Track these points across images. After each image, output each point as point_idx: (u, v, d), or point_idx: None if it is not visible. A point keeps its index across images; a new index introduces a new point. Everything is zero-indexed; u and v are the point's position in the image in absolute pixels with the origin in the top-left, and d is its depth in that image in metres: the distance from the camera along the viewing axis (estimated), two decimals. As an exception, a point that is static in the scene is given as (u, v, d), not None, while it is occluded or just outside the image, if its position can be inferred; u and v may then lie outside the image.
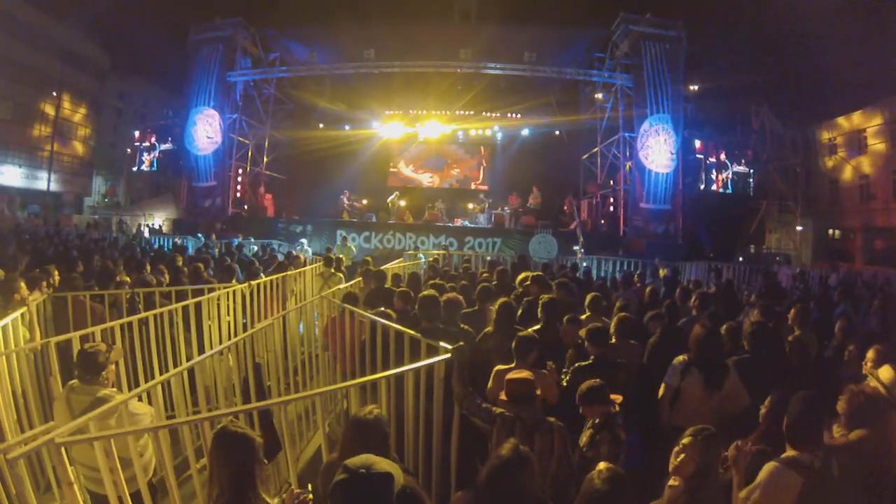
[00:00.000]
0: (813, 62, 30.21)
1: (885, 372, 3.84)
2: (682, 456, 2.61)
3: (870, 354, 4.03)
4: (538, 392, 3.36)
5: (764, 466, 2.73)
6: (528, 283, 6.85)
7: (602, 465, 2.35)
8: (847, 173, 30.05)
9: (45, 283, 6.26)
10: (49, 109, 33.50)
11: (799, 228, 30.20)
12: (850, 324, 5.29)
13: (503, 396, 3.36)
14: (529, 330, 4.40)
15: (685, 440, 2.64)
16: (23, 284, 5.64)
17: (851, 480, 2.83)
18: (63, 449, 2.47)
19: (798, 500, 2.58)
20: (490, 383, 4.06)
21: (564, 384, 4.20)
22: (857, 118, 29.04)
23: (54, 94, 33.37)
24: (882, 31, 24.40)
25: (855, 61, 26.90)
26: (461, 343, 3.64)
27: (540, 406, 3.40)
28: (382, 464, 1.93)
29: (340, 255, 10.14)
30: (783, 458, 2.73)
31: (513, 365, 3.97)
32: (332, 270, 9.05)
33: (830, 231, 32.32)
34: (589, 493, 2.26)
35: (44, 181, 32.70)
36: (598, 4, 24.60)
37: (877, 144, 27.81)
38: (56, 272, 6.75)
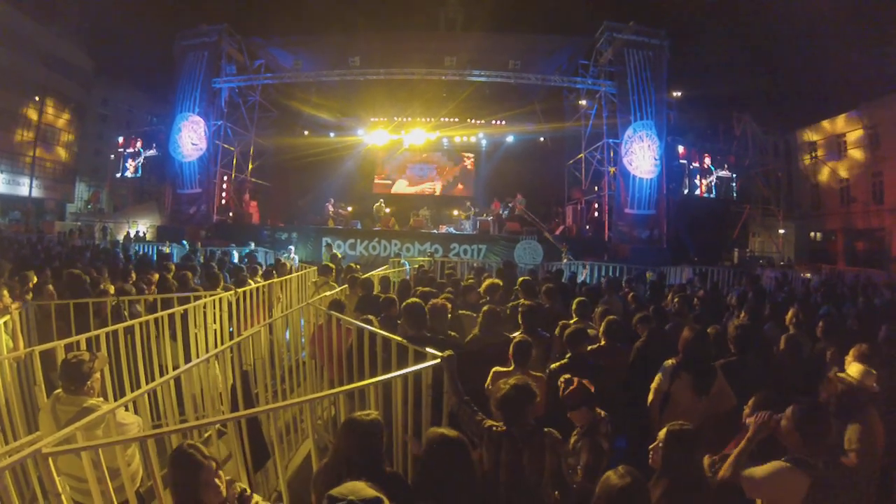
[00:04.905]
0: (793, 69, 30.82)
1: (853, 368, 3.89)
2: (655, 452, 2.67)
3: (852, 352, 4.07)
4: (537, 399, 3.17)
5: (771, 463, 2.72)
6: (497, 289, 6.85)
7: (620, 467, 2.34)
8: (827, 177, 30.58)
9: (18, 291, 6.18)
10: (32, 114, 32.96)
11: (781, 231, 30.64)
12: (832, 324, 5.35)
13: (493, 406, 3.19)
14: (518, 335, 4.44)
15: (657, 438, 2.69)
16: (5, 292, 5.57)
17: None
18: (50, 460, 2.45)
19: (805, 501, 2.59)
20: (489, 384, 4.06)
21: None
22: (836, 123, 29.59)
23: (38, 99, 32.85)
24: (860, 39, 24.96)
25: (834, 67, 27.49)
26: (450, 352, 3.57)
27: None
28: (368, 490, 1.95)
29: (328, 264, 10.05)
30: (791, 457, 2.71)
31: (511, 368, 4.01)
32: (325, 279, 8.95)
33: (812, 234, 32.86)
34: (608, 492, 2.26)
35: (26, 187, 32.18)
36: (581, 13, 24.90)
37: (856, 148, 28.35)
38: (34, 278, 6.68)
